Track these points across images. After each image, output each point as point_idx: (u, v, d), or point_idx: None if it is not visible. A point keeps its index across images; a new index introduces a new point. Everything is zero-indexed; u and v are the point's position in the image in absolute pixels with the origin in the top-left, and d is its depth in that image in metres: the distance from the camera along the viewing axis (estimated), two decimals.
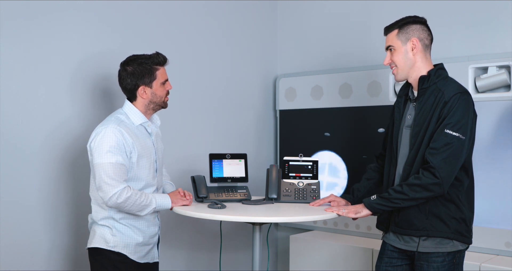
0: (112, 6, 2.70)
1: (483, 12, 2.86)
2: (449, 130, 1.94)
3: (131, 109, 2.21)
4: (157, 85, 2.21)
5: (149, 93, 2.20)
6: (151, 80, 2.19)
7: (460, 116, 1.95)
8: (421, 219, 2.01)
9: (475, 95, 2.74)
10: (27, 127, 2.37)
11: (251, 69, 3.58)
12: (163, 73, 2.24)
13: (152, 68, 2.19)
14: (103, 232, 2.14)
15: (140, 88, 2.18)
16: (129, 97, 2.24)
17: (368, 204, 2.09)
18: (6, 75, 2.29)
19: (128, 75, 2.18)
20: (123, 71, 2.20)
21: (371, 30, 3.28)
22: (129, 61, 2.20)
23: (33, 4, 2.37)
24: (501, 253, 2.69)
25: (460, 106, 1.95)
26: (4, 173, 2.29)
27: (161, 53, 2.23)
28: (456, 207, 2.00)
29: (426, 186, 1.94)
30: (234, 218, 2.13)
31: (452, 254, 2.01)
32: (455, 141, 1.93)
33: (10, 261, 2.30)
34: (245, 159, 2.64)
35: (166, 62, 2.25)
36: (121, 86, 2.24)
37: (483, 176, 2.68)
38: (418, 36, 2.06)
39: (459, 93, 1.98)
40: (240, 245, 3.39)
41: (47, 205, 2.45)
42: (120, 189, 2.04)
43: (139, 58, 2.19)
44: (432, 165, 1.93)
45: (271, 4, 3.73)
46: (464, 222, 2.01)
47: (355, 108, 3.26)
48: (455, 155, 1.93)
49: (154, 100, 2.22)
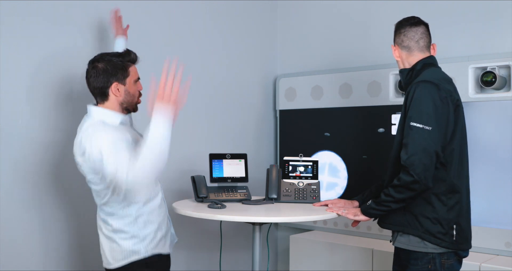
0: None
1: (483, 12, 2.86)
2: (413, 122, 1.91)
3: (103, 113, 2.02)
4: (131, 82, 2.06)
5: (122, 90, 2.03)
6: (124, 77, 2.04)
7: (419, 106, 1.91)
8: (399, 215, 2.00)
9: (475, 95, 2.74)
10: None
11: (251, 69, 3.58)
12: (135, 71, 2.09)
13: (125, 64, 2.05)
14: (128, 245, 1.99)
15: (113, 85, 2.01)
16: (99, 98, 2.05)
17: (364, 210, 2.10)
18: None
19: (100, 73, 2.01)
20: (93, 69, 2.02)
21: (371, 30, 3.29)
22: (99, 58, 2.04)
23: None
24: (501, 253, 2.69)
25: (418, 95, 1.93)
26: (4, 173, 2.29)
27: (132, 51, 2.09)
28: (431, 207, 1.95)
29: (407, 186, 1.91)
30: (234, 218, 2.13)
31: (427, 257, 1.95)
32: (420, 133, 1.89)
33: (10, 261, 2.30)
34: (245, 159, 2.64)
35: (137, 60, 2.10)
36: (91, 86, 2.04)
37: (483, 176, 2.69)
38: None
39: (416, 83, 1.97)
40: (240, 245, 3.39)
41: (47, 205, 2.45)
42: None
43: (109, 54, 2.06)
44: (403, 163, 1.90)
45: (271, 4, 3.73)
46: (439, 223, 1.94)
47: (355, 108, 3.26)
48: (424, 147, 1.88)
49: (127, 99, 2.06)
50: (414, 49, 2.10)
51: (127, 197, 1.98)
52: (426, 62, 2.08)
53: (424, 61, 2.08)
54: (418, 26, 2.11)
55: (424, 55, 2.10)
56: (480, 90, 2.76)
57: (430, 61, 2.10)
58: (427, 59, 2.09)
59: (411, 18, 2.14)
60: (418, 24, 2.12)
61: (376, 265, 2.93)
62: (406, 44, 2.11)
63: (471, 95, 2.75)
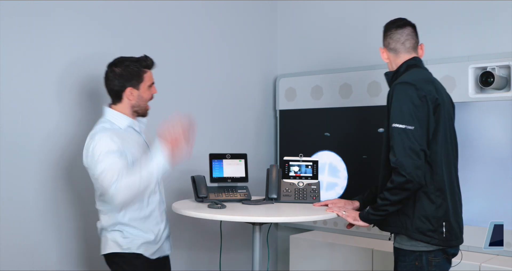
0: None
1: (483, 12, 2.86)
2: (395, 124, 1.93)
3: (113, 114, 2.19)
4: (144, 88, 2.20)
5: (135, 95, 2.18)
6: (139, 82, 2.18)
7: (398, 106, 1.94)
8: (394, 216, 2.02)
9: (475, 95, 2.74)
10: (25, 128, 2.37)
11: (251, 69, 3.58)
12: (150, 77, 2.23)
13: (140, 70, 2.18)
14: (115, 237, 2.15)
15: (127, 90, 2.17)
16: (114, 100, 2.21)
17: (363, 217, 2.11)
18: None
19: (116, 77, 2.16)
20: (111, 72, 2.18)
21: (371, 30, 3.28)
22: (117, 62, 2.18)
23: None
24: (501, 253, 2.69)
25: (396, 97, 1.96)
26: (4, 173, 2.29)
27: (149, 56, 2.22)
28: (420, 204, 1.97)
29: (400, 186, 1.92)
30: (234, 218, 2.13)
31: (414, 254, 1.98)
32: (404, 134, 1.91)
33: (10, 261, 2.30)
34: (245, 159, 2.64)
35: (153, 65, 2.24)
36: (108, 88, 2.20)
37: (483, 175, 2.68)
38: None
39: (394, 84, 2.00)
40: (240, 245, 3.39)
41: (47, 205, 2.45)
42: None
43: (127, 60, 2.18)
44: (393, 165, 1.92)
45: (271, 4, 3.73)
46: (428, 221, 1.95)
47: (355, 108, 3.26)
48: (409, 147, 1.90)
49: (139, 103, 2.21)
50: (400, 51, 2.13)
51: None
52: (410, 64, 2.10)
53: (408, 62, 2.10)
54: (404, 28, 2.13)
55: (410, 56, 2.12)
56: (480, 90, 2.75)
57: (413, 62, 2.11)
58: (410, 61, 2.11)
59: (397, 20, 2.17)
60: (404, 26, 2.13)
61: (376, 265, 2.93)
62: (392, 46, 2.14)
63: (471, 95, 2.75)
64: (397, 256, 2.05)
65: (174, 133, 2.08)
